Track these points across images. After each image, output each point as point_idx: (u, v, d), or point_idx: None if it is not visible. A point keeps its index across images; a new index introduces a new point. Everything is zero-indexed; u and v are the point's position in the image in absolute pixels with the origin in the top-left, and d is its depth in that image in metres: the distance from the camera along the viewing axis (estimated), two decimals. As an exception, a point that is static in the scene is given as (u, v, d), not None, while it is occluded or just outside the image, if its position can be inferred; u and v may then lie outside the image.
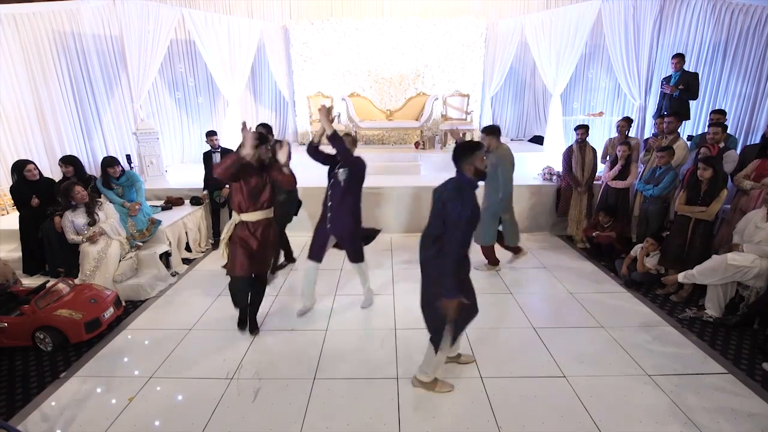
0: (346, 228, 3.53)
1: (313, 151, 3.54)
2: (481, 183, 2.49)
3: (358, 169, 3.43)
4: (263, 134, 3.11)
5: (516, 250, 4.56)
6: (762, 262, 3.25)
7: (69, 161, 4.52)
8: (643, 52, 5.83)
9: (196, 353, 3.20)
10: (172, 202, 5.42)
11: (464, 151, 2.39)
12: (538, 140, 8.04)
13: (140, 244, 4.40)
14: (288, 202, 4.39)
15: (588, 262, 4.81)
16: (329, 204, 3.50)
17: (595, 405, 2.58)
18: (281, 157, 3.06)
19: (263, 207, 3.14)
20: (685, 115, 5.47)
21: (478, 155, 2.36)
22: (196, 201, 5.50)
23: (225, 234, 3.17)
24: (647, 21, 5.69)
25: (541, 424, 2.45)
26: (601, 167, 5.37)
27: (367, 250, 5.10)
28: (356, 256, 3.65)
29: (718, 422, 2.44)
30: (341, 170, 3.41)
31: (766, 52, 5.71)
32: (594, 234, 4.82)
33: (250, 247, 3.13)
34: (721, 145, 4.39)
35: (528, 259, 4.73)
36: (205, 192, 5.46)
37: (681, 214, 3.86)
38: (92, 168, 6.34)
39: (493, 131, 4.08)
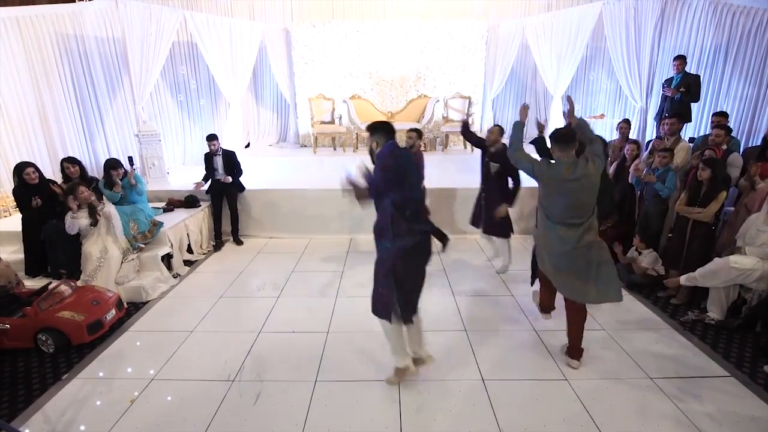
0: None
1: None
2: None
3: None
4: None
5: None
6: (764, 264, 3.24)
7: (76, 162, 4.54)
8: (645, 55, 5.83)
9: (197, 355, 3.20)
10: (173, 203, 5.44)
11: None
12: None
13: (142, 246, 4.40)
14: None
15: (589, 264, 4.79)
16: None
17: (598, 408, 2.58)
18: None
19: None
20: (687, 118, 5.47)
21: None
22: (191, 201, 5.51)
23: None
24: (648, 23, 5.70)
25: (543, 427, 2.45)
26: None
27: (368, 252, 5.12)
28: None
29: (720, 425, 2.43)
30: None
31: (767, 55, 5.70)
32: (600, 229, 4.80)
33: None
34: (724, 147, 4.39)
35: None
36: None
37: (681, 215, 3.87)
38: (94, 170, 6.35)
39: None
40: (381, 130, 2.55)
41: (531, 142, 4.34)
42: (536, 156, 2.96)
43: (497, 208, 4.22)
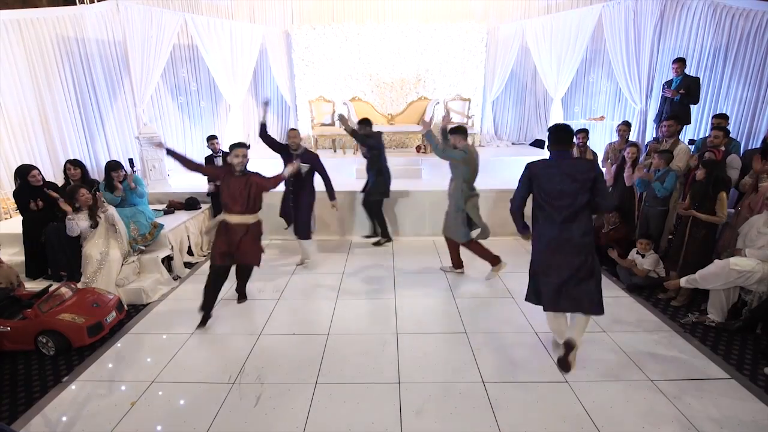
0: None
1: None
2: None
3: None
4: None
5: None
6: (764, 266, 3.24)
7: (77, 164, 4.56)
8: (644, 57, 5.85)
9: (198, 357, 3.20)
10: (174, 206, 5.44)
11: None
12: (539, 144, 8.07)
13: (143, 248, 4.41)
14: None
15: (590, 266, 4.79)
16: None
17: (598, 410, 2.58)
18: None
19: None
20: (686, 120, 5.47)
21: None
22: (192, 203, 5.51)
23: None
24: (648, 26, 5.72)
25: (543, 429, 2.45)
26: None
27: (370, 254, 5.13)
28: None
29: (721, 428, 2.43)
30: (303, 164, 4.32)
31: (766, 57, 5.71)
32: (602, 231, 4.79)
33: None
34: (722, 149, 4.39)
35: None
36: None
37: (681, 217, 3.87)
38: (95, 172, 6.37)
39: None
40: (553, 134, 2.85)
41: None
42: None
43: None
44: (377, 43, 7.77)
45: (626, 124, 5.37)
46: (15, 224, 4.88)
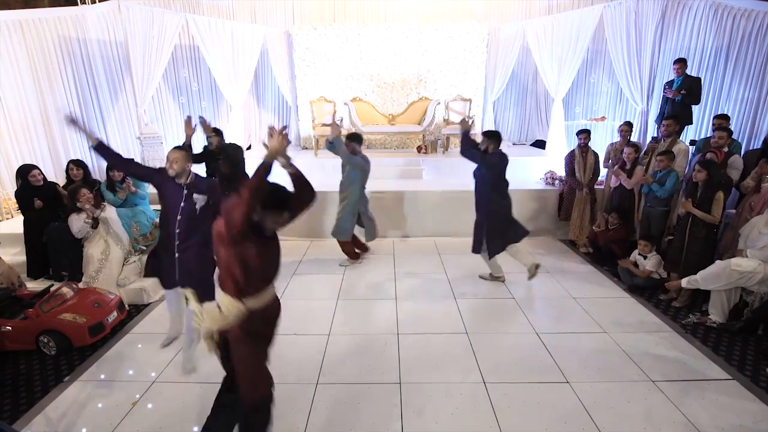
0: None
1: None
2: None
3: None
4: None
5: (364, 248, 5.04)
6: (766, 267, 3.24)
7: (80, 164, 4.56)
8: (645, 57, 5.83)
9: (199, 358, 3.20)
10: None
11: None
12: (540, 144, 8.05)
13: (144, 248, 4.41)
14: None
15: (591, 266, 4.80)
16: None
17: (599, 411, 2.58)
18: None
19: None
20: (687, 120, 5.47)
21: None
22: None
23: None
24: (649, 26, 5.71)
25: (544, 430, 2.44)
26: (603, 171, 5.37)
27: (370, 254, 5.13)
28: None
29: (722, 429, 2.43)
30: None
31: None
32: (600, 229, 4.79)
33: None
34: (725, 150, 4.39)
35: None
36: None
37: (682, 218, 3.86)
38: (96, 173, 6.37)
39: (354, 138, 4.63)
40: (495, 137, 4.05)
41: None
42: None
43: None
44: (378, 43, 7.77)
45: (628, 125, 5.37)
46: (16, 224, 4.88)
